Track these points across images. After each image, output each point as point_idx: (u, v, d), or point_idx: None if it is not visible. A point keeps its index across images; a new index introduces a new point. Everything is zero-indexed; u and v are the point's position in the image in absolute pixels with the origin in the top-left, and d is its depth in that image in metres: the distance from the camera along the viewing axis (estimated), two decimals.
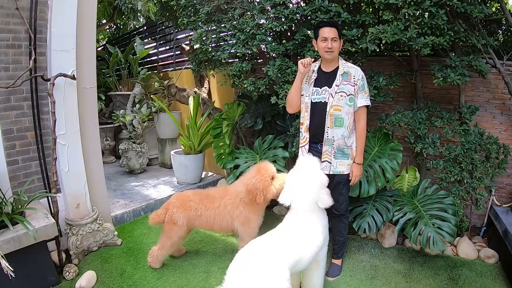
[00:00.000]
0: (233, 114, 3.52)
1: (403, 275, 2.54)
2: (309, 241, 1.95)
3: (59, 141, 2.62)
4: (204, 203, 2.47)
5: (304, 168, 2.12)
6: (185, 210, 2.44)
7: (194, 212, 2.45)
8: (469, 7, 2.26)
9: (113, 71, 5.72)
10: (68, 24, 2.58)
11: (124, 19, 7.54)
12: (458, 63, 2.43)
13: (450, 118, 2.64)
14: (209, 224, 2.48)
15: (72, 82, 2.65)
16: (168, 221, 2.46)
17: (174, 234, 2.46)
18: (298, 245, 1.87)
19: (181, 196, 2.56)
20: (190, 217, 2.45)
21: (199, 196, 2.53)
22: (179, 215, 2.42)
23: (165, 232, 2.50)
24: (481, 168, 2.63)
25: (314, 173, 2.09)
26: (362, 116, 2.31)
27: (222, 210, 2.45)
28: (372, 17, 2.49)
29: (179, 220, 2.42)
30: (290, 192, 2.07)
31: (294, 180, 2.10)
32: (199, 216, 2.44)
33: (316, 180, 2.06)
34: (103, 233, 2.90)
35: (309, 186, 2.03)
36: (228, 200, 2.46)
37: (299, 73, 2.32)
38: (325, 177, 2.14)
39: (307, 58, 2.26)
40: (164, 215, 2.47)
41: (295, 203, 2.04)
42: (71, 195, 2.76)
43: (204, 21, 3.11)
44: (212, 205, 2.46)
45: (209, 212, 2.44)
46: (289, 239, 1.87)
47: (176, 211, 2.44)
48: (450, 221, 2.47)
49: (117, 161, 5.48)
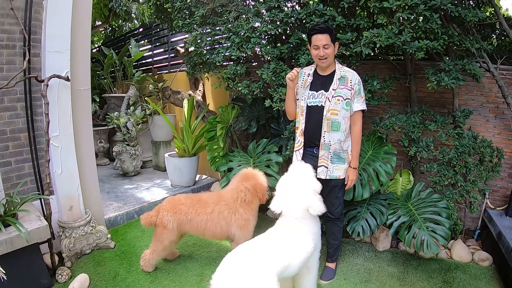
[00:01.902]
0: (227, 117, 3.51)
1: (397, 278, 2.54)
2: (298, 247, 1.93)
3: (53, 143, 2.60)
4: (195, 208, 2.44)
5: (296, 174, 2.11)
6: (175, 213, 2.42)
7: (184, 216, 2.42)
8: (463, 12, 2.28)
9: (107, 73, 5.70)
10: (63, 25, 2.57)
11: (119, 21, 7.53)
12: (452, 67, 2.44)
13: (444, 122, 2.65)
14: (200, 229, 2.44)
15: (66, 83, 2.64)
16: (159, 224, 2.44)
17: (165, 238, 2.44)
18: (286, 251, 1.84)
19: (172, 199, 2.54)
20: (181, 221, 2.42)
21: (191, 200, 2.51)
22: (169, 219, 2.40)
23: (156, 236, 2.48)
24: (475, 172, 2.64)
25: (306, 180, 2.08)
26: (358, 120, 2.31)
27: (216, 216, 2.41)
28: (366, 21, 2.50)
29: (169, 224, 2.39)
30: (282, 199, 2.05)
31: (285, 186, 2.09)
32: (190, 221, 2.41)
33: (308, 187, 2.06)
34: (96, 236, 2.88)
35: (301, 193, 2.03)
36: (224, 205, 2.44)
37: (288, 87, 2.35)
38: (318, 184, 2.13)
39: (293, 71, 2.26)
40: (155, 217, 2.45)
41: (286, 210, 2.02)
42: (64, 197, 2.73)
43: (199, 24, 3.12)
44: (204, 210, 2.43)
45: (200, 217, 2.41)
46: (278, 245, 1.85)
47: (166, 214, 2.42)
48: (444, 224, 2.47)
49: (111, 164, 5.45)
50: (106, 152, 5.55)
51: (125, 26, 8.41)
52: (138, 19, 6.37)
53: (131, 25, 8.10)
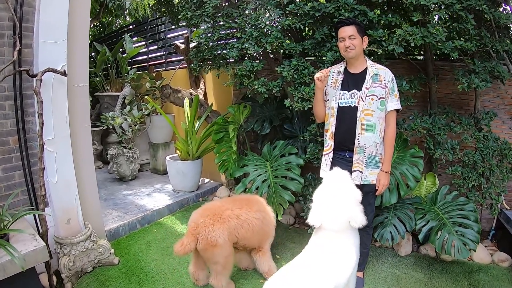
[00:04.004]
0: (239, 118, 3.28)
1: (425, 284, 2.47)
2: (344, 266, 1.75)
3: (47, 148, 2.25)
4: (243, 209, 2.19)
5: (335, 183, 1.93)
6: (223, 223, 2.07)
7: (235, 221, 2.11)
8: (497, 13, 2.23)
9: (100, 70, 5.26)
10: (60, 11, 2.23)
11: (110, 17, 7.02)
12: (481, 68, 2.40)
13: (468, 124, 2.61)
14: (248, 236, 2.16)
15: (62, 79, 2.30)
16: (205, 247, 2.02)
17: (219, 257, 2.06)
18: (333, 272, 1.67)
19: (208, 209, 2.18)
20: (231, 229, 2.10)
21: (233, 201, 2.27)
22: (217, 233, 2.02)
23: (208, 261, 2.12)
24: (497, 174, 2.63)
25: (347, 189, 1.90)
26: (392, 120, 2.18)
27: (261, 221, 2.21)
28: (398, 18, 2.38)
29: (219, 239, 2.01)
30: (320, 211, 1.86)
31: (324, 197, 1.90)
32: (241, 226, 2.13)
33: (350, 197, 1.89)
34: (98, 252, 2.56)
35: (343, 204, 1.85)
36: (264, 210, 2.25)
37: (317, 87, 2.18)
38: (359, 192, 1.95)
39: (323, 71, 2.10)
40: (194, 242, 2.02)
41: (326, 223, 1.84)
42: (61, 210, 2.40)
43: (211, 16, 2.85)
44: (253, 213, 2.20)
45: (249, 221, 2.16)
46: (324, 266, 1.67)
47: (211, 230, 2.02)
48: (472, 228, 2.43)
49: (105, 167, 5.04)
50: (99, 154, 5.15)
51: (115, 22, 7.85)
52: (132, 14, 5.92)
53: (122, 21, 7.55)
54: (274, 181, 2.89)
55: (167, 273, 2.54)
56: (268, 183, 2.89)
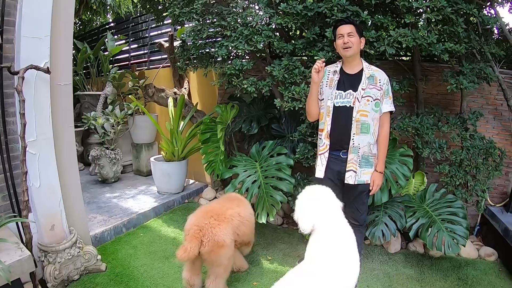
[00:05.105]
0: (226, 118, 3.23)
1: (416, 280, 2.52)
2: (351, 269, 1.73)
3: (29, 150, 2.12)
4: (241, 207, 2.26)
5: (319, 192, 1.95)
6: (228, 222, 2.04)
7: (239, 220, 2.13)
8: (486, 17, 2.30)
9: (81, 69, 5.04)
10: (44, 4, 2.10)
11: (89, 15, 6.75)
12: (469, 70, 2.46)
13: (455, 124, 2.68)
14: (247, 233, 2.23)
15: (44, 76, 2.17)
16: (212, 249, 1.94)
17: (224, 258, 2.00)
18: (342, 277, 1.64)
19: (210, 210, 2.12)
20: (235, 228, 2.10)
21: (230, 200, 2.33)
22: (224, 233, 1.98)
23: (209, 263, 2.03)
24: (483, 171, 2.72)
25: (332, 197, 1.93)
26: (386, 121, 2.22)
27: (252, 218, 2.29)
28: (389, 19, 2.41)
29: (227, 239, 1.97)
30: (309, 216, 1.84)
31: (310, 203, 1.89)
32: (242, 223, 2.15)
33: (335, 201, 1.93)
34: (84, 258, 2.44)
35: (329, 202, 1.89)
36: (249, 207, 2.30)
37: (313, 82, 2.18)
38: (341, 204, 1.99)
39: (317, 62, 2.10)
40: (197, 246, 1.92)
41: (318, 223, 1.82)
42: (45, 215, 2.26)
43: (200, 13, 2.78)
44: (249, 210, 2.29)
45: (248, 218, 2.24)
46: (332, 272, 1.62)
47: (218, 231, 1.96)
48: (461, 224, 2.50)
49: (86, 169, 4.84)
50: (80, 156, 4.93)
51: (96, 20, 7.55)
52: (114, 11, 5.71)
53: (103, 19, 7.29)
54: (264, 182, 2.85)
55: (157, 278, 2.46)
56: (258, 183, 2.86)
